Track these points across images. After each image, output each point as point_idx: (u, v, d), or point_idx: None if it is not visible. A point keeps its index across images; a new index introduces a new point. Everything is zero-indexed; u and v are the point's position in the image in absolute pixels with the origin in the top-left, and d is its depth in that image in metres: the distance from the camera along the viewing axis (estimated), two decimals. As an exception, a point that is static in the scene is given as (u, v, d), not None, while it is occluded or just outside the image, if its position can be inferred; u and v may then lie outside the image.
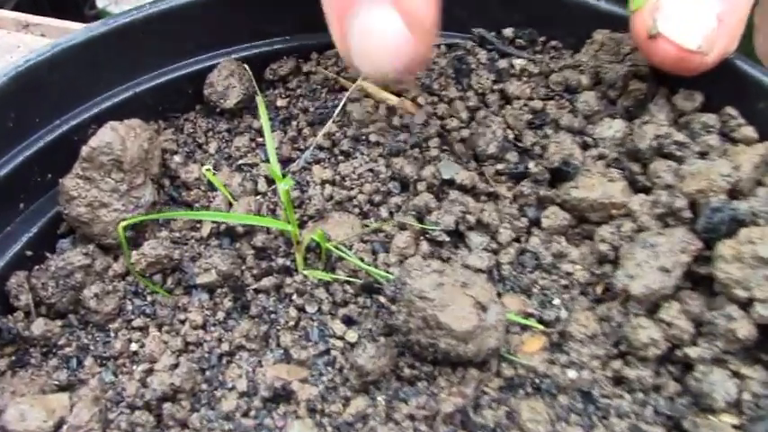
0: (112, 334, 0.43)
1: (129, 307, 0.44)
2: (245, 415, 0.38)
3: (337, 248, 0.43)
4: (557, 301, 0.41)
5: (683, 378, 0.38)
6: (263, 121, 0.46)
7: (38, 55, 0.46)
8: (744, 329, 0.37)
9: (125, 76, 0.50)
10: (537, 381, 0.38)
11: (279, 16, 0.53)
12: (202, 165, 0.49)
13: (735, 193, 0.41)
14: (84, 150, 0.45)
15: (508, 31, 0.52)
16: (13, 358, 0.44)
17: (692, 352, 0.37)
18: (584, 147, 0.47)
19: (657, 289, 0.38)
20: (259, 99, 0.47)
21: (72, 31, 0.49)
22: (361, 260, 0.43)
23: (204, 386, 0.40)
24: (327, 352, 0.40)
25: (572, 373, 0.38)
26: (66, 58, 0.47)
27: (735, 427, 0.36)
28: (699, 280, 0.40)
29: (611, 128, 0.47)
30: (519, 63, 0.51)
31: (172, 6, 0.50)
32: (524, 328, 0.40)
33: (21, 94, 0.46)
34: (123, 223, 0.43)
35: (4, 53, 0.94)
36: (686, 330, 0.38)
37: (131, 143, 0.46)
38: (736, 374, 0.37)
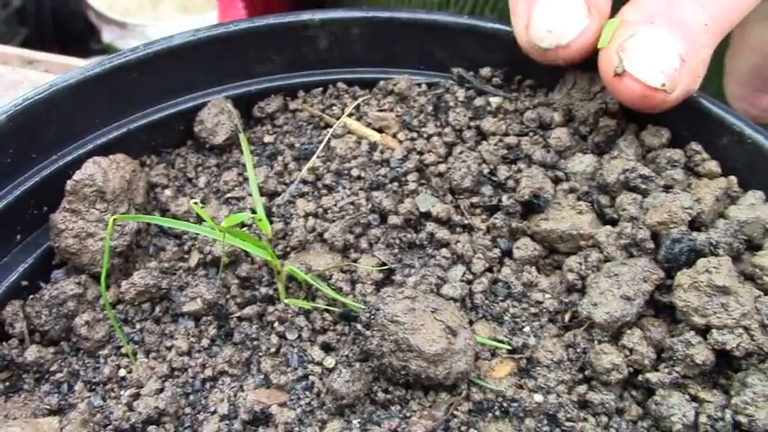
0: (102, 360, 0.46)
1: (117, 335, 0.46)
2: (226, 436, 0.40)
3: (314, 280, 0.45)
4: (526, 329, 0.44)
5: (644, 402, 0.40)
6: (246, 157, 0.49)
7: (36, 94, 0.49)
8: (701, 355, 0.39)
9: (119, 113, 0.53)
10: (505, 404, 0.41)
11: (267, 56, 0.56)
12: (191, 198, 0.52)
13: (696, 224, 0.44)
14: (69, 184, 0.48)
15: (486, 71, 0.55)
16: (7, 383, 0.46)
17: (653, 377, 0.40)
18: (556, 181, 0.49)
19: (620, 316, 0.41)
20: (242, 137, 0.50)
21: (74, 68, 0.52)
22: (340, 290, 0.46)
23: (188, 410, 0.42)
24: (306, 377, 0.43)
25: (539, 398, 0.40)
26: (62, 97, 0.50)
27: (692, 448, 0.38)
28: (661, 308, 0.42)
29: (582, 162, 0.50)
30: (495, 101, 0.53)
31: (164, 48, 0.53)
32: (494, 354, 0.43)
33: (18, 132, 0.49)
34: (105, 250, 0.46)
35: (9, 89, 0.98)
36: (647, 356, 0.40)
37: (113, 174, 0.48)
38: (694, 398, 0.39)
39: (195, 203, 0.49)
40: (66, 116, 0.51)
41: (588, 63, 0.51)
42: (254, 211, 0.51)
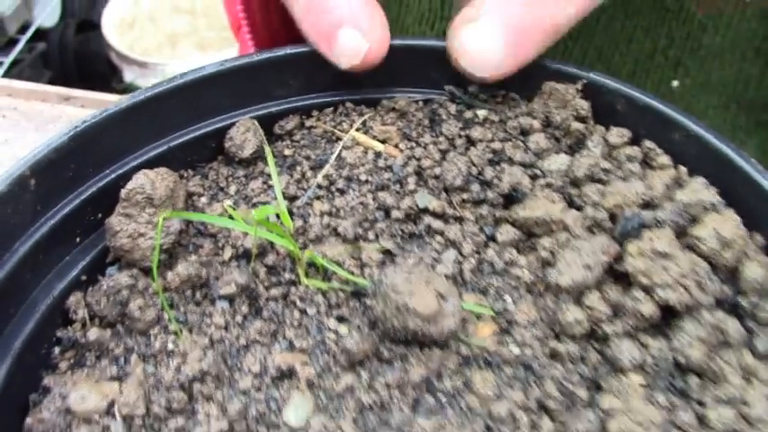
0: (152, 337, 0.56)
1: (166, 316, 0.57)
2: (258, 390, 0.51)
3: (330, 264, 0.56)
4: (507, 298, 0.53)
5: (602, 350, 0.50)
6: (271, 167, 0.60)
7: (92, 118, 0.60)
8: (648, 309, 0.48)
9: (160, 134, 0.64)
10: (488, 357, 0.50)
11: (284, 81, 0.67)
12: (224, 203, 0.62)
13: (648, 207, 0.54)
14: (123, 192, 0.58)
15: (473, 88, 0.65)
16: (72, 361, 0.57)
17: (609, 329, 0.49)
18: (534, 177, 0.60)
19: (581, 281, 0.50)
20: (267, 150, 0.61)
21: (108, 103, 0.63)
22: (351, 273, 0.56)
23: (226, 371, 0.52)
24: (323, 342, 0.53)
25: (516, 350, 0.50)
26: (113, 121, 0.61)
27: (641, 384, 0.47)
28: (618, 276, 0.52)
29: (557, 162, 0.60)
30: (482, 113, 0.64)
31: (197, 77, 0.64)
32: (479, 318, 0.53)
33: (78, 150, 0.60)
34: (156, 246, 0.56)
35: (48, 123, 1.11)
36: (604, 313, 0.50)
37: (159, 184, 0.59)
38: (642, 344, 0.49)
39: (229, 206, 0.61)
40: (117, 137, 0.62)
41: (561, 75, 0.62)
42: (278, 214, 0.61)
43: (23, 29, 2.79)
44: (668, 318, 0.49)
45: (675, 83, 0.88)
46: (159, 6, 3.11)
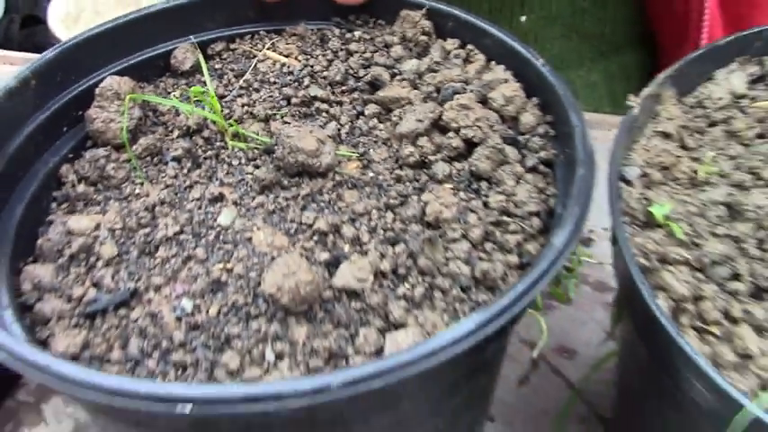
0: (124, 189, 0.80)
1: (133, 175, 0.81)
2: (199, 209, 0.75)
3: (247, 132, 0.80)
4: (369, 148, 0.79)
5: (428, 172, 0.75)
6: (206, 75, 0.85)
7: (73, 39, 0.84)
8: (456, 142, 0.74)
9: (122, 54, 0.88)
10: (353, 182, 0.75)
11: (214, 17, 0.91)
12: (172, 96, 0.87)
13: (464, 83, 0.80)
14: (97, 90, 0.82)
15: (352, 17, 0.91)
16: (66, 209, 0.80)
17: (432, 158, 0.75)
18: (393, 75, 0.85)
19: (415, 129, 0.76)
20: (203, 64, 0.85)
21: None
22: (262, 136, 0.81)
23: (177, 200, 0.77)
24: (243, 179, 0.77)
25: (372, 176, 0.75)
26: (88, 42, 0.85)
27: (450, 188, 0.73)
28: (441, 127, 0.78)
29: (409, 64, 0.86)
30: (357, 34, 0.89)
31: (148, 13, 0.88)
32: (349, 159, 0.78)
33: (63, 62, 0.83)
34: (124, 127, 0.81)
35: None
36: (430, 149, 0.75)
37: (123, 84, 0.83)
38: (452, 165, 0.75)
39: (175, 96, 0.85)
40: (91, 55, 0.85)
41: (411, 5, 0.88)
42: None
43: (-32, 24, 2.95)
44: (470, 148, 0.75)
45: (523, 18, 1.14)
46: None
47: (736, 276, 0.60)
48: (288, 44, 0.90)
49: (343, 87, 0.85)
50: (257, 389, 0.52)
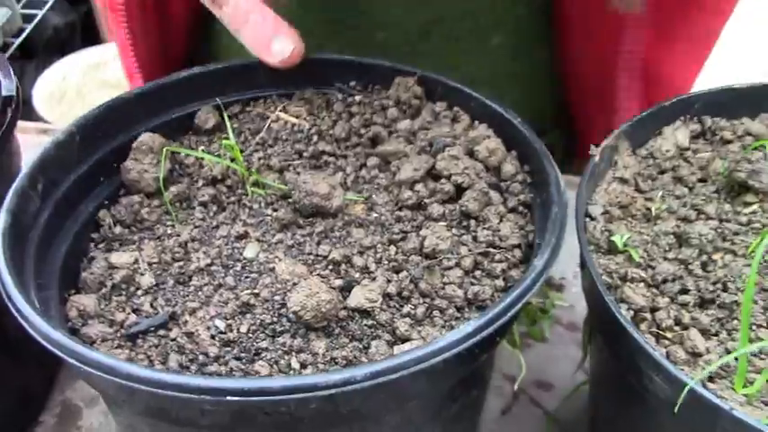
0: (156, 229, 0.91)
1: (164, 218, 0.92)
2: (226, 245, 0.86)
3: (266, 180, 0.93)
4: (373, 195, 0.91)
5: (424, 213, 0.88)
6: (229, 131, 0.97)
7: (113, 99, 0.96)
8: (448, 188, 0.87)
9: (154, 115, 1.00)
10: (360, 221, 0.88)
11: (233, 83, 1.04)
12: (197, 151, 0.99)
13: (452, 139, 0.93)
14: (134, 144, 0.94)
15: (353, 83, 1.05)
16: (105, 248, 0.91)
17: (428, 201, 0.88)
18: (390, 133, 0.99)
19: (412, 177, 0.89)
20: (227, 122, 0.98)
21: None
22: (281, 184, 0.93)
23: (206, 238, 0.88)
24: (264, 220, 0.89)
25: (375, 216, 0.88)
26: (127, 102, 0.97)
27: (443, 225, 0.85)
28: (434, 175, 0.90)
29: (404, 123, 0.99)
30: (358, 98, 1.03)
31: (177, 79, 1.01)
32: (355, 203, 0.90)
33: (105, 119, 0.95)
34: (161, 176, 0.92)
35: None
36: (425, 193, 0.88)
37: (156, 140, 0.95)
38: (444, 205, 0.87)
39: (202, 150, 0.97)
40: (128, 114, 0.98)
41: (404, 73, 1.02)
42: (233, 160, 0.98)
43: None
44: (459, 192, 0.88)
45: None
46: (87, 81, 3.44)
47: (684, 291, 0.73)
48: (297, 107, 1.03)
49: (348, 143, 0.98)
50: (295, 381, 0.62)
